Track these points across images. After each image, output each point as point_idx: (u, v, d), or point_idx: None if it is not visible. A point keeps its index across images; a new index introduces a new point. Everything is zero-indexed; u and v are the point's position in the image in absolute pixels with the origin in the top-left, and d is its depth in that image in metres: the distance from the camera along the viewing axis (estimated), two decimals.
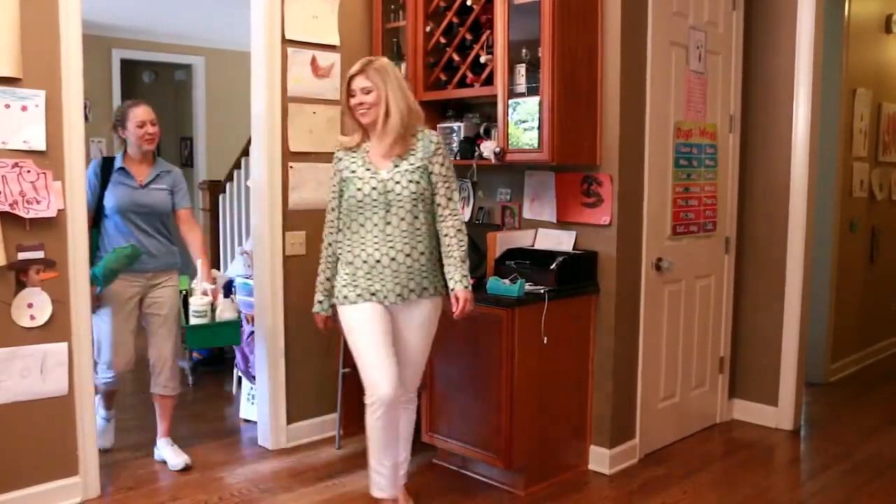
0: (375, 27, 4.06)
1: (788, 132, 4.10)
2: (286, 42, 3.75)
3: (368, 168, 2.88)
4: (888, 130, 5.60)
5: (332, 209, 2.99)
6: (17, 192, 2.97)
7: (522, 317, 3.23)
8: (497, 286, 3.30)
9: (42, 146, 3.05)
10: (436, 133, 3.03)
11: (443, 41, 3.81)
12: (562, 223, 3.66)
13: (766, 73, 4.17)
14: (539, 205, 3.76)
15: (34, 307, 3.08)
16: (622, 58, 3.44)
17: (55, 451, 3.19)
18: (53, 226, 3.10)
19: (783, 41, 4.10)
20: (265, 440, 3.94)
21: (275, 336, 3.84)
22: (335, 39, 3.92)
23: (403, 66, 3.95)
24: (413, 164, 2.87)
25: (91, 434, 3.28)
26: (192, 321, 3.67)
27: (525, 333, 3.25)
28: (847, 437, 4.13)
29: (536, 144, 3.36)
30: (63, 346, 3.16)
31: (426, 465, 3.66)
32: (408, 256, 2.86)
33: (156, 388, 3.70)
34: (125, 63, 7.77)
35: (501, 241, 3.60)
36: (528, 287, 3.34)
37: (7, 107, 2.94)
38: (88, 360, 3.26)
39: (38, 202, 3.03)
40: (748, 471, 3.68)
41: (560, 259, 3.41)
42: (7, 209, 2.95)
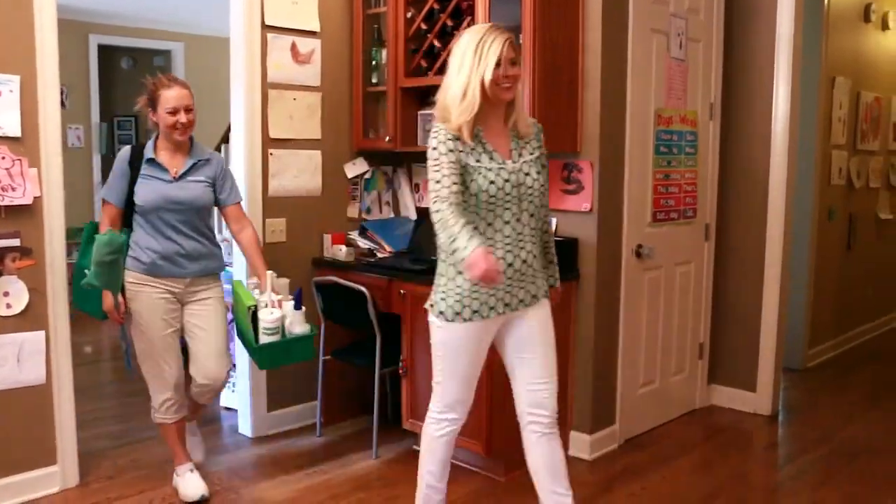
0: (356, 13, 4.03)
1: (768, 120, 4.12)
2: (266, 28, 3.72)
3: (492, 157, 2.45)
4: (866, 119, 5.65)
5: (451, 203, 2.30)
6: None
7: None
8: None
9: (17, 132, 3.01)
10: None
11: (424, 27, 3.79)
12: None
13: (747, 61, 4.19)
14: None
15: (10, 295, 3.04)
16: (603, 45, 3.44)
17: (33, 441, 3.16)
18: (29, 213, 3.06)
19: (763, 29, 4.11)
20: (246, 428, 3.93)
21: None
22: (315, 25, 3.89)
23: (384, 53, 3.93)
24: (533, 155, 2.53)
25: (70, 423, 3.26)
26: (263, 339, 3.08)
27: None
28: (824, 422, 4.18)
29: None
30: (40, 335, 3.13)
31: (407, 452, 3.67)
32: (535, 258, 2.54)
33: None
34: (103, 49, 7.67)
35: None
36: None
37: None
38: (66, 349, 3.23)
39: (14, 189, 2.99)
40: (727, 456, 3.72)
41: None
42: None
